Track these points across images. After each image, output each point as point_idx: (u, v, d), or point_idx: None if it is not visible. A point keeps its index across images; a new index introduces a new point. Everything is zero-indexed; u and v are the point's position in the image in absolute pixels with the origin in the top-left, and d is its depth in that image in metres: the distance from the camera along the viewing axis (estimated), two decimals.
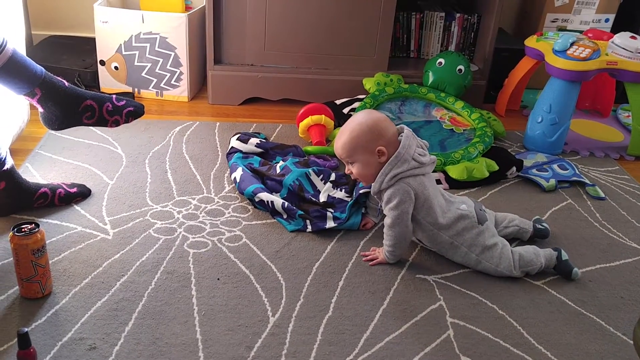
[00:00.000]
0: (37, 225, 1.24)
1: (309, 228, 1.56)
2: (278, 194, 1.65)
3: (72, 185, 1.62)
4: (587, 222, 1.72)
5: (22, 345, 1.10)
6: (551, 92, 2.03)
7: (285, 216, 1.59)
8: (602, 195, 1.84)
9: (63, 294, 1.30)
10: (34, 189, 1.53)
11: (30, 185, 1.53)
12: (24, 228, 1.23)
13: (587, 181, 1.90)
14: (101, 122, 1.53)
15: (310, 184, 1.70)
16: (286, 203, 1.59)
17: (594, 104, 2.46)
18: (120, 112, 1.54)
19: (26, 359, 1.10)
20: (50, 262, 1.32)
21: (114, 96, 1.55)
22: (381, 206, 1.45)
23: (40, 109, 1.48)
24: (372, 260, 1.47)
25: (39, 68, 1.44)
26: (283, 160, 1.79)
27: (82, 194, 1.62)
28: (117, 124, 1.55)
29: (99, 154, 1.86)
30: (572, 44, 2.00)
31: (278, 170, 1.73)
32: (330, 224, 1.56)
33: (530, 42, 2.19)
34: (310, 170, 1.72)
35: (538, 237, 1.59)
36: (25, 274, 1.25)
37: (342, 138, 1.41)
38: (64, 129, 1.51)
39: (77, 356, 1.15)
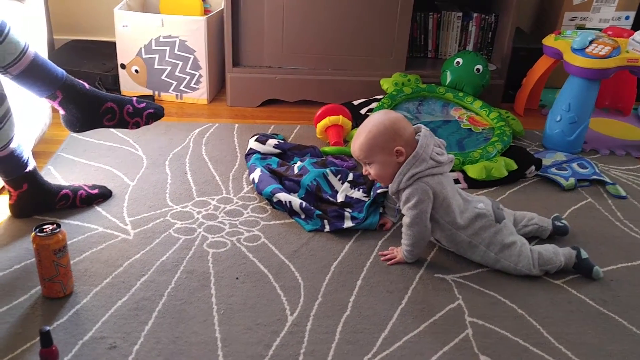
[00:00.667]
0: (59, 226, 1.26)
1: (327, 228, 1.56)
2: (296, 194, 1.66)
3: (94, 186, 1.64)
4: (607, 221, 1.70)
5: (45, 343, 1.12)
6: (570, 91, 2.01)
7: (303, 216, 1.60)
8: (623, 193, 1.82)
9: (84, 293, 1.32)
10: (56, 191, 1.55)
11: (52, 187, 1.55)
12: (45, 229, 1.25)
13: (607, 180, 1.88)
14: (122, 124, 1.55)
15: (328, 184, 1.71)
16: (304, 203, 1.59)
17: (614, 103, 2.43)
18: (141, 114, 1.56)
19: (48, 357, 1.12)
20: (71, 262, 1.34)
21: (134, 98, 1.57)
22: (399, 206, 1.45)
23: (61, 112, 1.50)
24: (390, 259, 1.47)
25: (60, 71, 1.46)
26: (301, 161, 1.80)
27: (103, 195, 1.64)
28: (137, 125, 1.57)
29: (120, 155, 1.88)
30: (591, 42, 1.98)
31: (296, 171, 1.73)
32: (348, 223, 1.56)
33: (549, 40, 2.17)
34: (327, 170, 1.73)
35: (558, 234, 1.58)
36: (47, 274, 1.27)
37: (359, 139, 1.41)
38: (85, 131, 1.53)
39: (97, 355, 1.16)
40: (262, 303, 1.32)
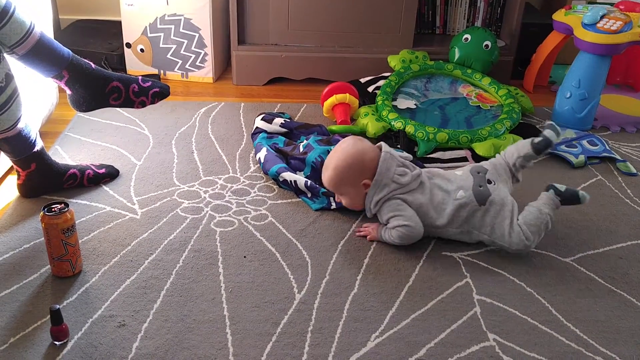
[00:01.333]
0: (67, 205, 1.26)
1: (333, 205, 1.56)
2: (302, 173, 1.65)
3: (101, 166, 1.64)
4: (617, 199, 1.68)
5: (55, 321, 1.13)
6: (580, 67, 1.98)
7: (309, 195, 1.59)
8: (634, 171, 1.81)
9: (93, 272, 1.33)
10: (64, 170, 1.56)
11: (60, 167, 1.56)
12: (54, 208, 1.25)
13: (617, 157, 1.86)
14: (128, 103, 1.55)
15: None
16: (309, 182, 1.59)
17: (625, 79, 2.40)
18: (147, 93, 1.56)
19: (59, 334, 1.14)
20: (80, 241, 1.35)
21: (140, 77, 1.57)
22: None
23: (68, 91, 1.50)
24: (365, 236, 1.47)
25: (66, 51, 1.46)
26: (306, 139, 1.79)
27: (110, 174, 1.64)
28: (143, 104, 1.57)
29: (126, 135, 1.88)
30: (602, 17, 1.95)
31: (301, 150, 1.73)
32: None
33: (559, 16, 2.14)
34: (332, 147, 1.71)
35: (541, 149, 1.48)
36: (56, 253, 1.27)
37: (327, 172, 1.46)
38: (91, 110, 1.53)
39: (107, 332, 1.17)
40: (270, 281, 1.32)
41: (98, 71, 1.50)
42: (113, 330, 1.18)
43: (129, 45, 2.27)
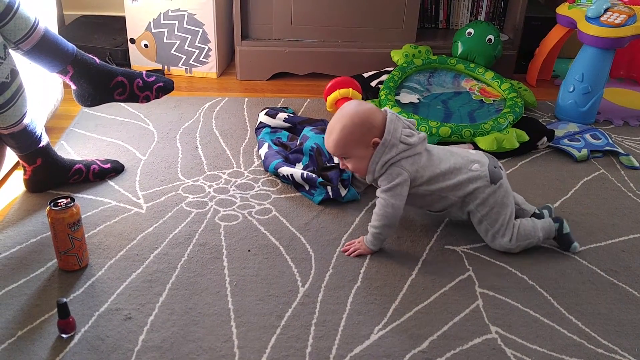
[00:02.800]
0: (73, 200, 1.27)
1: (330, 194, 1.57)
2: (301, 164, 1.66)
3: (106, 161, 1.65)
4: (620, 192, 1.69)
5: (62, 314, 1.14)
6: (584, 61, 1.98)
7: (307, 187, 1.60)
8: (637, 164, 1.81)
9: (99, 266, 1.34)
10: (69, 165, 1.57)
11: (66, 162, 1.57)
12: (60, 202, 1.26)
13: (620, 150, 1.86)
14: (132, 97, 1.56)
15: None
16: (305, 173, 1.59)
17: (629, 72, 2.39)
18: (151, 87, 1.57)
19: (66, 327, 1.15)
20: (86, 235, 1.36)
21: (144, 72, 1.58)
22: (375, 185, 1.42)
23: (73, 86, 1.51)
24: (352, 252, 1.41)
25: (71, 46, 1.47)
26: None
27: (115, 169, 1.65)
28: (147, 99, 1.58)
29: (131, 130, 1.89)
30: (606, 10, 1.95)
31: (299, 142, 1.73)
32: (343, 192, 1.57)
33: (562, 9, 2.14)
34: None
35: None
36: (63, 247, 1.29)
37: (333, 135, 1.37)
38: (96, 105, 1.54)
39: (113, 326, 1.18)
40: (274, 275, 1.33)
41: (103, 66, 1.51)
42: (119, 323, 1.19)
43: (133, 41, 2.28)
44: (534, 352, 1.17)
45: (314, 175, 1.59)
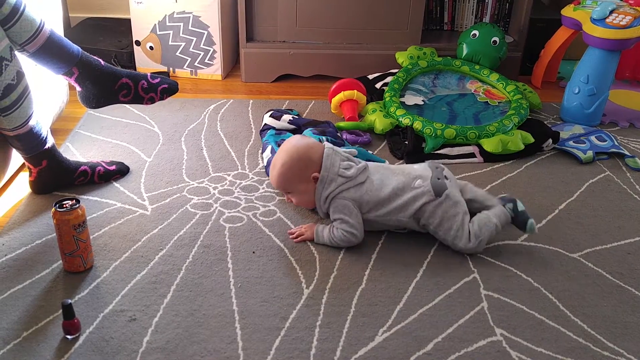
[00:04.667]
0: (78, 202, 1.28)
1: None
2: None
3: (111, 163, 1.66)
4: (626, 194, 1.68)
5: (67, 316, 1.14)
6: (589, 63, 1.98)
7: None
8: None
9: (104, 267, 1.34)
10: (75, 167, 1.57)
11: (71, 164, 1.57)
12: (65, 204, 1.27)
13: (626, 152, 1.86)
14: (137, 99, 1.56)
15: None
16: None
17: (634, 74, 2.39)
18: (155, 89, 1.57)
19: (71, 329, 1.15)
20: (91, 237, 1.36)
21: (148, 74, 1.58)
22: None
23: (78, 88, 1.52)
24: (297, 237, 1.44)
25: (76, 48, 1.47)
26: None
27: (120, 171, 1.66)
28: (152, 101, 1.58)
29: (136, 132, 1.90)
30: (611, 12, 1.94)
31: None
32: None
33: (567, 11, 2.13)
34: (323, 137, 1.68)
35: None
36: (68, 249, 1.29)
37: (275, 170, 1.43)
38: (101, 107, 1.55)
39: (118, 327, 1.19)
40: (279, 276, 1.33)
41: (107, 68, 1.52)
42: (124, 324, 1.19)
43: (138, 43, 2.28)
44: (539, 355, 1.16)
45: None
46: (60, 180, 1.56)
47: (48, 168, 1.53)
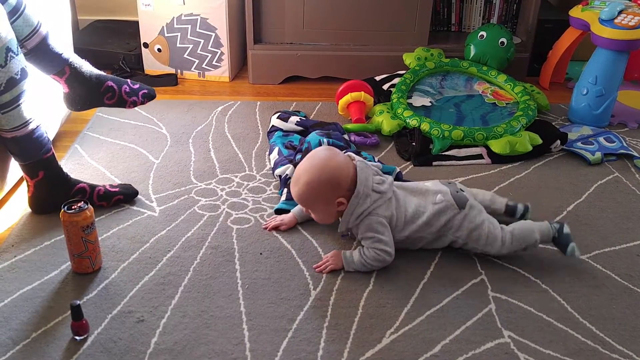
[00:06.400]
0: (86, 203, 1.28)
1: None
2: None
3: (116, 186, 1.59)
4: (634, 196, 1.67)
5: (75, 317, 1.15)
6: (597, 63, 1.97)
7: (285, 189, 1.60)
8: None
9: (112, 269, 1.35)
10: (73, 183, 1.52)
11: (70, 179, 1.52)
12: (73, 206, 1.27)
13: (635, 154, 1.85)
14: (120, 102, 1.58)
15: None
16: (285, 175, 1.61)
17: None
18: (137, 93, 1.60)
19: (79, 329, 1.16)
20: (99, 238, 1.37)
21: (129, 80, 1.62)
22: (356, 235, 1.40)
23: (65, 90, 1.53)
24: (324, 268, 1.36)
25: (67, 51, 1.51)
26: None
27: (124, 194, 1.57)
28: (134, 104, 1.60)
29: (144, 134, 1.90)
30: (620, 12, 1.93)
31: (305, 146, 1.72)
32: None
33: (575, 12, 2.13)
34: (325, 139, 1.68)
35: (507, 215, 1.49)
36: (76, 250, 1.30)
37: (297, 187, 1.34)
38: (86, 109, 1.57)
39: (126, 328, 1.19)
40: (286, 278, 1.33)
41: (95, 71, 1.55)
42: (132, 325, 1.20)
43: (146, 45, 2.29)
44: (548, 357, 1.16)
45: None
46: (57, 195, 1.49)
47: (45, 181, 1.48)
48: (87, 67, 1.53)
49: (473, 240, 1.37)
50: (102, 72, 1.56)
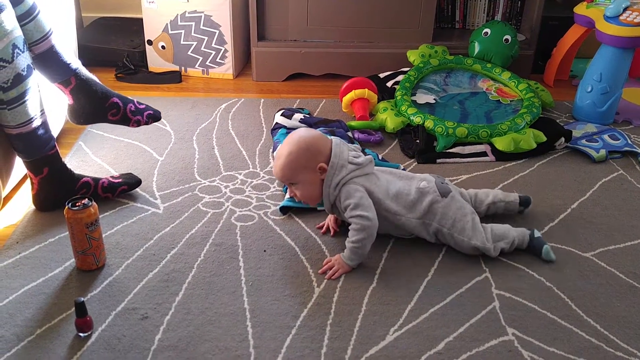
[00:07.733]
0: (91, 200, 1.29)
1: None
2: None
3: (118, 177, 1.60)
4: (639, 193, 1.67)
5: (80, 313, 1.15)
6: (602, 61, 1.96)
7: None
8: None
9: (116, 265, 1.35)
10: (77, 178, 1.53)
11: (73, 175, 1.53)
12: (78, 203, 1.28)
13: (639, 151, 1.84)
14: (124, 120, 1.58)
15: None
16: None
17: None
18: (142, 113, 1.61)
19: (83, 326, 1.16)
20: (103, 235, 1.37)
21: (135, 99, 1.61)
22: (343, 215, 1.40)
23: (70, 101, 1.53)
24: (332, 273, 1.35)
25: (76, 61, 1.51)
26: None
27: (127, 184, 1.59)
28: (138, 123, 1.60)
29: (148, 131, 1.90)
30: (625, 9, 1.93)
31: None
32: None
33: (580, 9, 2.12)
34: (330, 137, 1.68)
35: (523, 205, 1.52)
36: (80, 247, 1.30)
37: (280, 160, 1.36)
38: (89, 123, 1.57)
39: (130, 325, 1.19)
40: (290, 275, 1.34)
41: (101, 85, 1.55)
42: (136, 322, 1.20)
43: (150, 43, 2.30)
44: (552, 355, 1.16)
45: None
46: (61, 191, 1.50)
47: (49, 177, 1.48)
48: (94, 80, 1.53)
49: (458, 230, 1.38)
50: (108, 88, 1.56)
